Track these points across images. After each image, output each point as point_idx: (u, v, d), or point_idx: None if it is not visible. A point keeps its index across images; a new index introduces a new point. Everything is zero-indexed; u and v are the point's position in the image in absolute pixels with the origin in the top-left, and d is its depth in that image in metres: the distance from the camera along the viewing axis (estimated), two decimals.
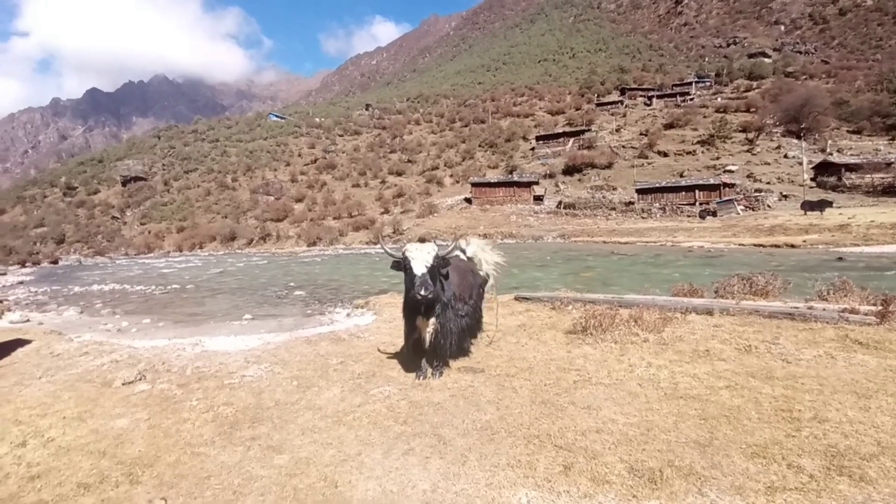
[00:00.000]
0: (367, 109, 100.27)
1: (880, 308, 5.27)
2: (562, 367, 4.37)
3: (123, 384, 4.49)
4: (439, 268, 4.09)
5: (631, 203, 43.22)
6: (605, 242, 28.02)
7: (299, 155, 77.09)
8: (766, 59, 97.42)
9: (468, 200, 47.82)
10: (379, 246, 37.28)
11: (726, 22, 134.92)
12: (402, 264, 4.10)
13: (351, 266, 22.37)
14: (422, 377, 4.23)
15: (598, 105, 73.93)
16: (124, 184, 77.15)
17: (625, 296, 7.03)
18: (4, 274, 32.11)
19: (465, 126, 75.98)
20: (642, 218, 40.57)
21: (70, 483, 2.73)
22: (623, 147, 56.71)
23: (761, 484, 2.35)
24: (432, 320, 4.18)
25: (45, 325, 9.40)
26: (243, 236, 48.30)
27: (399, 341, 5.60)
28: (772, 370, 3.92)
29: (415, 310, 4.15)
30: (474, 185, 48.46)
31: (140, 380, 4.61)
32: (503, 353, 4.98)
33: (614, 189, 47.74)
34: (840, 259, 15.77)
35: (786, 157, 48.93)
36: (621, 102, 73.37)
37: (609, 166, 52.26)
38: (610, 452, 2.73)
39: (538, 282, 13.19)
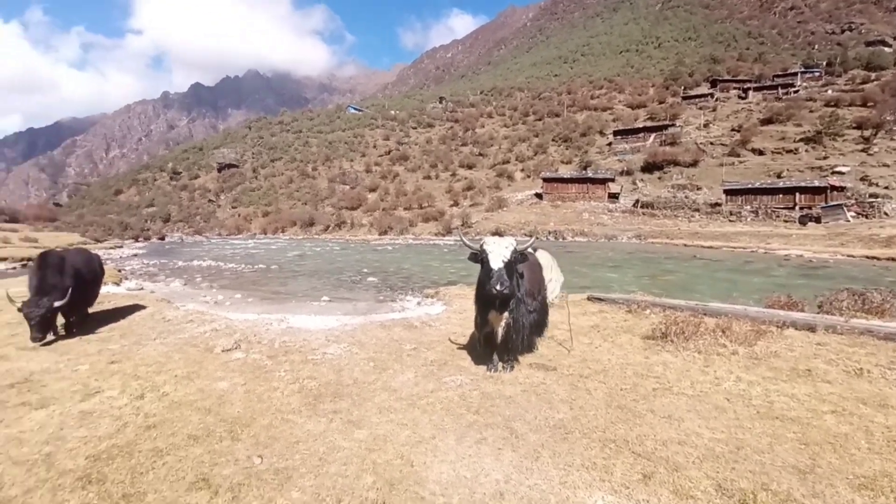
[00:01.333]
0: (440, 102, 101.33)
1: None
2: (639, 372, 4.20)
3: (222, 351, 4.98)
4: (516, 263, 4.04)
5: (717, 204, 39.98)
6: (686, 245, 26.27)
7: (374, 146, 79.81)
8: (886, 49, 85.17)
9: (539, 196, 46.87)
10: (448, 238, 37.75)
11: (840, 6, 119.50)
12: (479, 256, 4.05)
13: (420, 256, 22.88)
14: (493, 370, 4.27)
15: (684, 98, 68.91)
16: (219, 170, 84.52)
17: (710, 303, 6.57)
18: (121, 247, 36.64)
19: (539, 120, 74.31)
20: (730, 221, 37.44)
21: (182, 434, 3.10)
22: (711, 144, 52.48)
23: None
24: (505, 315, 4.16)
25: (156, 293, 10.61)
26: (320, 222, 51.11)
27: (469, 332, 5.68)
28: (887, 398, 3.50)
29: (488, 303, 4.14)
30: (546, 180, 47.36)
31: (236, 348, 5.09)
32: (575, 353, 4.88)
33: (699, 189, 44.43)
34: None
35: None
36: (711, 95, 67.76)
37: (694, 164, 48.67)
38: (694, 466, 2.60)
39: (611, 283, 12.68)
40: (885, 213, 33.77)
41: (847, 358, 4.39)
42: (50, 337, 5.57)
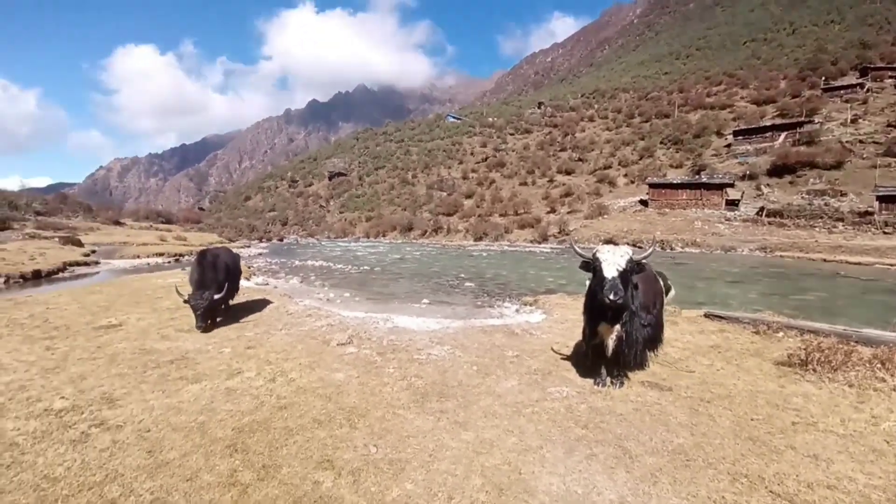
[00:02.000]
0: (538, 108, 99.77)
1: None
2: (773, 402, 3.73)
3: (338, 345, 5.42)
4: (631, 273, 3.84)
5: (868, 213, 33.98)
6: (825, 260, 22.76)
7: (472, 153, 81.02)
8: None
9: (643, 202, 43.88)
10: (544, 245, 36.97)
11: None
12: (591, 265, 3.93)
13: (516, 263, 22.68)
14: (601, 385, 4.10)
15: (825, 90, 59.73)
16: (330, 178, 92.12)
17: (863, 329, 5.62)
18: (249, 246, 41.57)
19: (646, 121, 69.63)
20: (885, 233, 31.60)
21: (308, 417, 3.43)
22: (860, 142, 44.82)
23: None
24: (617, 327, 3.97)
25: (279, 288, 11.86)
26: (419, 227, 53.13)
27: (572, 343, 5.52)
28: None
29: (599, 314, 3.97)
30: (652, 185, 44.17)
31: (349, 343, 5.50)
32: (694, 374, 4.49)
33: (843, 195, 38.17)
34: None
35: None
36: (861, 86, 57.78)
37: (837, 166, 41.94)
38: None
39: (731, 300, 11.41)
40: None
41: None
42: (172, 308, 6.53)
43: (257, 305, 8.22)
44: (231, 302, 7.74)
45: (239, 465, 2.74)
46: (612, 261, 3.74)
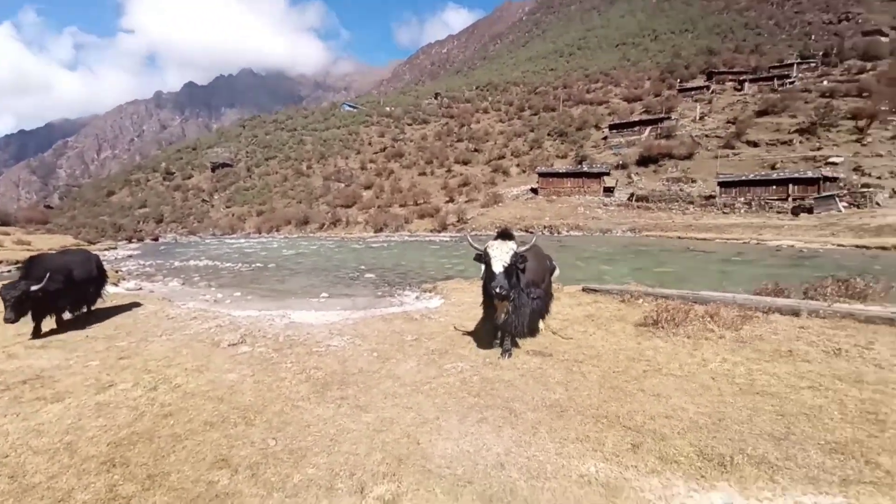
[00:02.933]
0: (435, 98, 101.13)
1: None
2: (631, 356, 4.40)
3: (229, 345, 5.15)
4: (516, 264, 4.37)
5: (712, 197, 40.29)
6: (680, 238, 26.52)
7: (369, 143, 79.70)
8: (883, 38, 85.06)
9: (534, 191, 47.06)
10: (444, 234, 37.91)
11: None
12: (483, 258, 4.46)
13: (417, 252, 23.03)
14: (496, 347, 4.70)
15: (680, 91, 69.06)
16: (213, 170, 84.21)
17: (700, 292, 6.78)
18: (115, 248, 36.60)
19: (535, 114, 74.38)
20: (724, 213, 37.78)
21: (198, 421, 3.27)
22: (706, 136, 52.69)
23: (836, 477, 2.34)
24: (507, 304, 4.46)
25: (156, 293, 10.75)
26: (315, 221, 51.11)
27: (468, 323, 5.88)
28: (862, 374, 3.71)
29: (493, 295, 4.42)
30: (541, 175, 47.55)
31: (242, 343, 5.25)
32: (571, 340, 5.08)
33: (693, 182, 44.70)
34: None
35: None
36: (707, 88, 67.90)
37: (689, 157, 48.90)
38: (679, 437, 2.81)
39: (606, 275, 12.90)
40: (877, 204, 34.14)
41: (827, 339, 4.60)
42: (19, 324, 5.69)
43: (129, 311, 7.41)
44: (93, 307, 6.92)
45: (119, 479, 2.55)
46: (500, 257, 4.26)
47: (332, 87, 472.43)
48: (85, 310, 6.84)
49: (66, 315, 6.46)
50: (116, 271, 15.39)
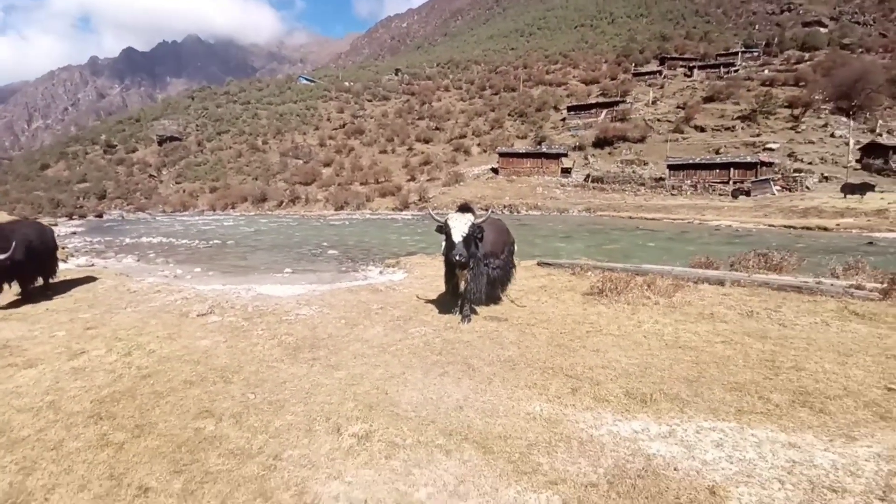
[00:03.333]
0: (396, 74, 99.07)
1: (885, 286, 5.56)
2: (577, 320, 4.91)
3: (198, 315, 5.27)
4: (473, 235, 4.80)
5: (661, 179, 42.31)
6: (630, 218, 27.91)
7: (328, 119, 77.47)
8: (822, 29, 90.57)
9: (495, 171, 47.65)
10: (405, 212, 37.96)
11: None
12: (443, 230, 4.88)
13: (379, 230, 23.11)
14: (456, 313, 5.06)
15: (634, 75, 71.02)
16: (160, 143, 79.38)
17: (642, 265, 7.43)
18: (56, 225, 34.32)
19: (496, 94, 74.53)
20: (672, 195, 39.83)
21: (177, 380, 3.47)
22: (658, 120, 54.86)
23: (733, 408, 2.88)
24: (466, 272, 4.90)
25: (110, 269, 10.42)
26: (273, 198, 49.67)
27: (430, 294, 6.24)
28: (767, 331, 4.37)
29: (453, 264, 4.87)
30: (501, 155, 48.14)
31: (211, 313, 5.38)
32: (525, 308, 5.54)
33: (645, 164, 46.66)
34: (870, 244, 15.56)
35: (832, 136, 46.44)
36: (660, 73, 70.18)
37: (642, 140, 50.83)
38: (611, 382, 3.30)
39: (561, 252, 13.59)
40: (807, 187, 37.07)
41: (743, 304, 5.29)
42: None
43: (87, 286, 7.27)
44: (51, 281, 6.79)
45: (108, 429, 2.75)
46: (459, 228, 4.71)
47: (288, 58, 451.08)
48: (41, 282, 6.69)
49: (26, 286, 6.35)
50: (63, 248, 14.65)
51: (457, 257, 4.65)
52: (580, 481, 2.17)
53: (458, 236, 4.69)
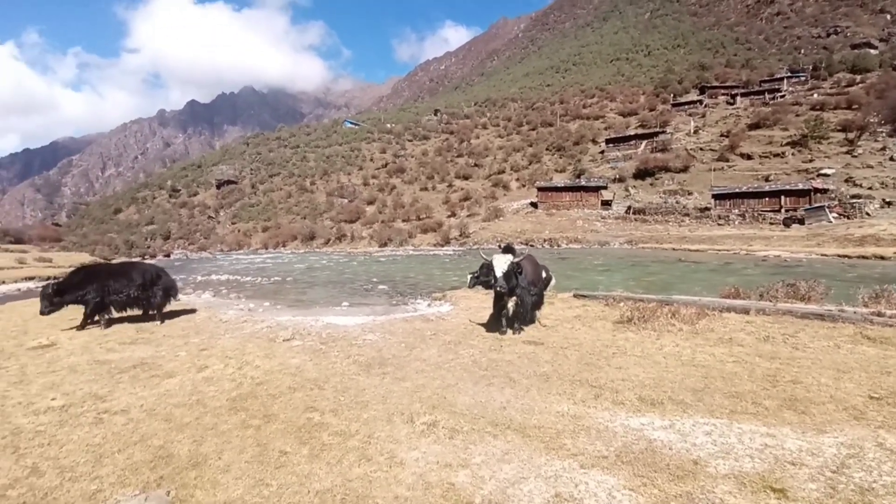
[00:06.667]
0: (435, 115, 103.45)
1: None
2: (605, 344, 5.61)
3: (284, 340, 6.36)
4: (513, 270, 5.99)
5: (707, 209, 41.57)
6: (674, 249, 27.74)
7: (371, 159, 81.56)
8: (872, 51, 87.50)
9: (534, 205, 48.44)
10: (447, 248, 39.18)
11: (826, 10, 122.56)
12: (489, 267, 6.21)
13: (422, 266, 24.26)
14: (503, 332, 6.27)
15: (674, 105, 70.97)
16: (218, 186, 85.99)
17: (671, 296, 7.98)
18: None
19: (533, 129, 76.27)
20: (718, 225, 39.03)
21: (283, 387, 4.47)
22: (701, 149, 54.24)
23: (727, 410, 3.53)
24: (513, 298, 6.23)
25: (194, 304, 11.94)
26: (321, 236, 52.50)
27: (475, 323, 7.11)
28: (778, 353, 4.91)
29: (498, 295, 6.16)
30: (540, 189, 48.98)
31: (293, 338, 6.46)
32: (559, 334, 6.29)
33: (689, 194, 46.08)
34: None
35: (892, 159, 44.23)
36: (700, 102, 69.80)
37: (684, 170, 50.33)
38: (628, 390, 4.01)
39: (599, 285, 14.08)
40: (867, 213, 35.38)
41: (763, 330, 5.81)
42: (91, 329, 6.99)
43: (187, 317, 8.63)
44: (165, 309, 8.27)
45: (245, 417, 3.75)
46: (500, 266, 5.98)
47: (333, 104, 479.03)
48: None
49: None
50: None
51: (497, 287, 6.01)
52: (595, 454, 2.93)
53: (499, 271, 5.93)
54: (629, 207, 44.91)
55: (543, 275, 7.57)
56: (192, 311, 9.23)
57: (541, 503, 2.46)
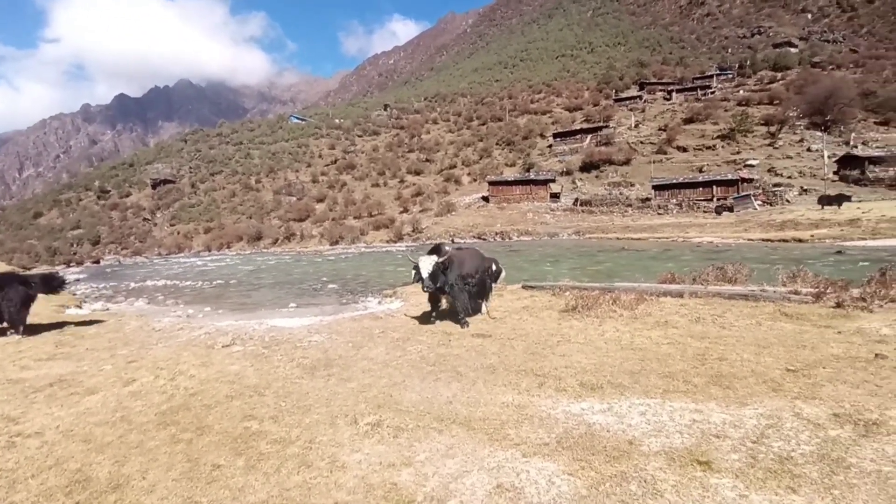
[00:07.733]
0: (385, 109, 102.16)
1: (818, 290, 6.46)
2: (551, 333, 5.74)
3: (223, 346, 6.04)
4: (438, 270, 6.36)
5: (647, 199, 43.74)
6: (618, 238, 28.96)
7: (320, 156, 79.45)
8: (792, 49, 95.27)
9: (485, 199, 49.04)
10: (400, 244, 38.90)
11: (751, 11, 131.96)
12: (416, 268, 6.51)
13: (375, 263, 23.94)
14: (448, 332, 6.26)
15: (616, 101, 74.00)
16: (154, 187, 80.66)
17: (613, 284, 8.31)
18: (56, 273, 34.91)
19: (483, 124, 77.09)
20: (658, 214, 41.17)
21: (219, 396, 4.23)
22: (641, 143, 56.97)
23: (661, 389, 3.70)
24: (444, 296, 6.74)
25: (125, 312, 11.14)
26: (268, 236, 50.54)
27: (424, 319, 7.07)
28: (708, 333, 5.22)
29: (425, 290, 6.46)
30: (491, 183, 49.65)
31: (233, 344, 6.15)
32: (507, 325, 6.37)
33: (632, 185, 48.26)
34: (839, 252, 16.56)
35: (809, 150, 48.44)
36: (640, 97, 73.27)
37: (627, 162, 52.66)
38: (571, 377, 4.11)
39: (547, 275, 14.46)
40: (787, 201, 38.55)
41: (695, 312, 6.15)
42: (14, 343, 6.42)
43: (115, 328, 8.01)
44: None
45: (176, 431, 3.51)
46: (426, 267, 6.32)
47: (278, 98, 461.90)
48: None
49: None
50: (73, 294, 15.35)
51: (424, 288, 6.41)
52: (537, 442, 2.97)
53: (425, 273, 6.30)
54: (576, 199, 46.45)
55: (493, 267, 7.56)
56: (119, 321, 8.57)
57: (483, 495, 2.46)
